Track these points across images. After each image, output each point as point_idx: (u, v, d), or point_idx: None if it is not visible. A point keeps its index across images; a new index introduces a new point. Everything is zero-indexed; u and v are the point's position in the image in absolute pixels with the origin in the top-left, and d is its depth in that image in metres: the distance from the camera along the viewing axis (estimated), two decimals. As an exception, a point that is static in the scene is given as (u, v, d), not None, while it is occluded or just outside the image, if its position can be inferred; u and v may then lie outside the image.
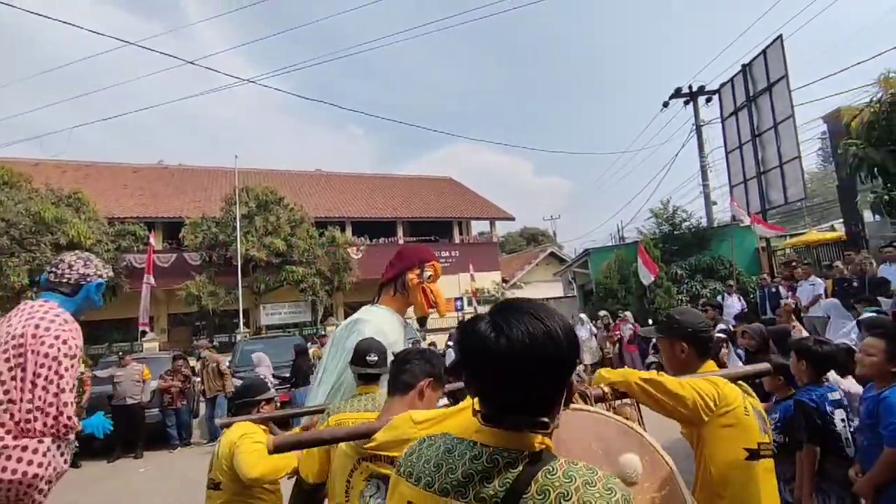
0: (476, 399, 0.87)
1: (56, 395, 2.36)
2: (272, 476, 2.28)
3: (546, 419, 0.82)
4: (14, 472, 2.23)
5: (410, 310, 3.14)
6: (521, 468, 0.79)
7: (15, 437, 2.31)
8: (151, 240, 14.10)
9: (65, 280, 2.65)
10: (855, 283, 7.57)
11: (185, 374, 8.78)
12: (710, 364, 1.82)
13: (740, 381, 1.77)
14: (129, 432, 8.08)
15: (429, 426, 1.38)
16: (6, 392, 2.30)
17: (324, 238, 18.09)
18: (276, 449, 1.53)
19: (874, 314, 4.98)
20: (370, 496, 1.48)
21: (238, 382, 9.87)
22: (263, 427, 2.56)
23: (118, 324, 18.41)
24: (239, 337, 14.99)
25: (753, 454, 1.58)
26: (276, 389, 9.48)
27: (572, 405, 1.46)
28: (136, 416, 8.14)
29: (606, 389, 1.55)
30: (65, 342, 2.43)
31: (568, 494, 0.75)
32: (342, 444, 1.64)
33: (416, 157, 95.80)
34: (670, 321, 1.87)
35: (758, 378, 1.89)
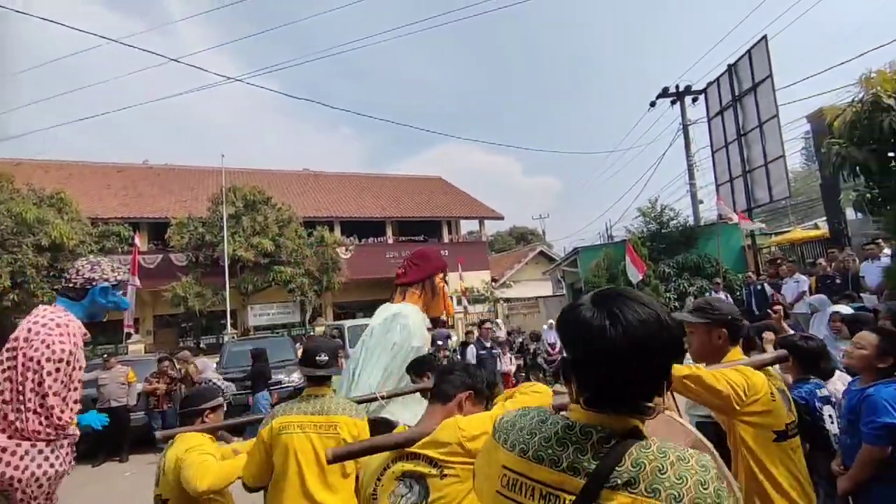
0: (576, 386, 0.88)
1: (44, 397, 2.47)
2: (221, 486, 2.20)
3: (651, 404, 0.83)
4: (2, 473, 2.33)
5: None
6: (614, 442, 0.81)
7: (10, 437, 2.44)
8: (136, 240, 13.91)
9: (72, 284, 2.77)
10: (838, 280, 7.70)
11: (171, 375, 8.67)
12: (736, 351, 1.90)
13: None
14: (113, 435, 7.96)
15: (475, 435, 1.42)
16: (1, 393, 2.44)
17: (312, 238, 17.96)
18: (335, 458, 1.57)
19: (853, 310, 5.06)
20: (402, 496, 1.47)
21: (228, 384, 9.80)
22: (211, 436, 2.46)
23: (102, 326, 18.07)
24: (226, 338, 14.83)
25: (781, 435, 1.70)
26: (234, 395, 9.42)
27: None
28: (121, 419, 8.01)
29: None
30: (48, 346, 2.51)
31: (663, 469, 0.76)
32: None
33: (405, 158, 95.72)
34: (710, 308, 1.94)
35: (776, 364, 1.95)
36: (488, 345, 8.14)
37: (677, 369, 1.65)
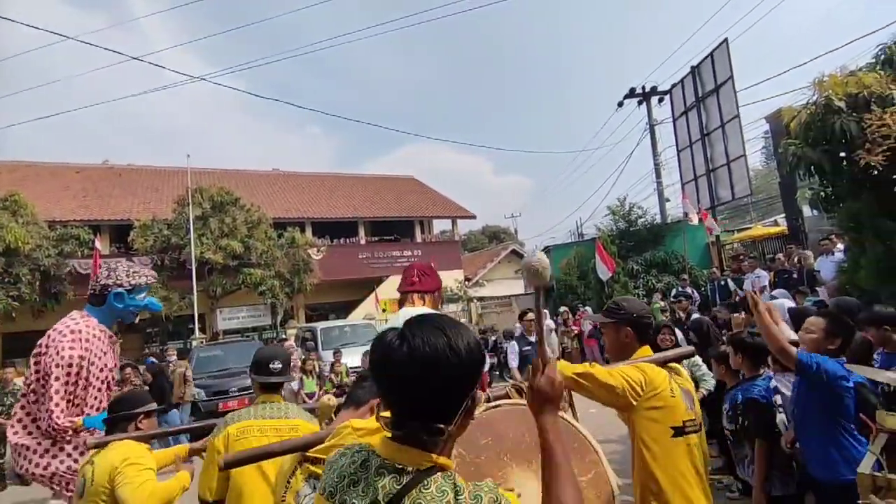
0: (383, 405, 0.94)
1: (50, 399, 2.77)
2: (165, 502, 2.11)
3: (441, 425, 0.86)
4: (26, 469, 2.79)
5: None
6: (404, 483, 0.85)
7: (34, 437, 2.84)
8: (97, 244, 13.37)
9: (92, 291, 3.02)
10: (794, 275, 8.05)
11: (135, 383, 8.39)
12: (646, 349, 1.93)
13: (672, 363, 1.91)
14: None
15: (365, 434, 1.43)
16: (32, 395, 2.82)
17: (283, 239, 17.65)
18: (227, 465, 1.56)
19: (811, 303, 5.30)
20: (305, 496, 1.52)
21: (198, 390, 9.56)
22: (147, 445, 2.32)
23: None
24: (195, 343, 14.45)
25: (679, 431, 1.73)
26: (203, 401, 9.15)
27: (508, 400, 1.55)
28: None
29: None
30: (58, 353, 2.80)
31: None
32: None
33: (376, 157, 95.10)
34: (617, 307, 2.00)
35: (680, 360, 1.99)
36: (533, 339, 6.69)
37: (569, 367, 1.69)
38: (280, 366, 2.28)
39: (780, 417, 2.86)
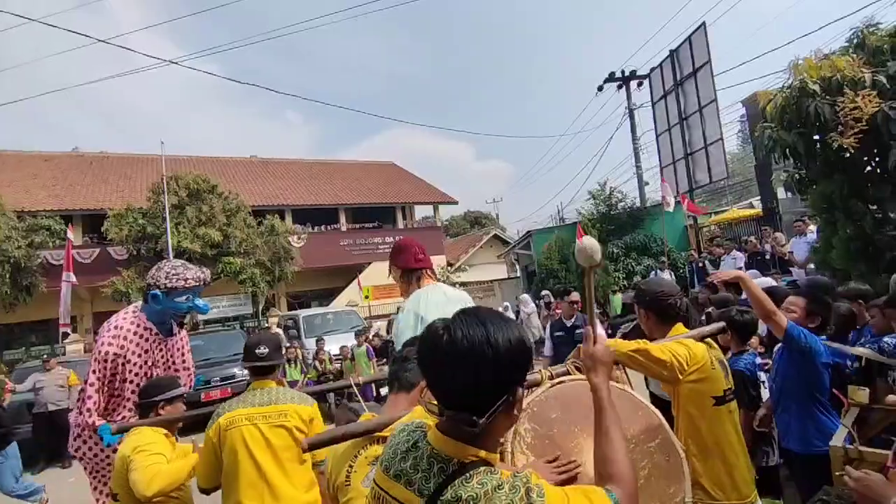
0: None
1: (85, 391, 2.91)
2: (170, 489, 2.15)
3: (475, 417, 0.88)
4: (77, 448, 3.05)
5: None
6: (450, 473, 0.89)
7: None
8: (69, 234, 12.99)
9: (144, 287, 3.13)
10: (767, 257, 8.27)
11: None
12: (680, 327, 2.03)
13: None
14: (53, 441, 7.55)
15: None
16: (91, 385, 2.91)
17: (262, 227, 17.39)
18: (311, 446, 1.65)
19: (785, 283, 5.44)
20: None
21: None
22: (165, 431, 2.39)
23: (35, 326, 17.01)
24: (174, 333, 14.22)
25: (720, 400, 1.88)
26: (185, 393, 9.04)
27: (570, 376, 1.59)
28: (61, 423, 7.57)
29: None
30: (98, 345, 2.94)
31: (477, 497, 0.84)
32: None
33: (355, 143, 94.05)
34: (637, 290, 2.15)
35: (713, 335, 2.09)
36: (569, 323, 5.89)
37: (625, 345, 1.81)
38: (266, 350, 2.29)
39: (765, 393, 2.95)
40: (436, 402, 0.95)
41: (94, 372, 2.90)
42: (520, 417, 1.34)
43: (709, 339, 2.02)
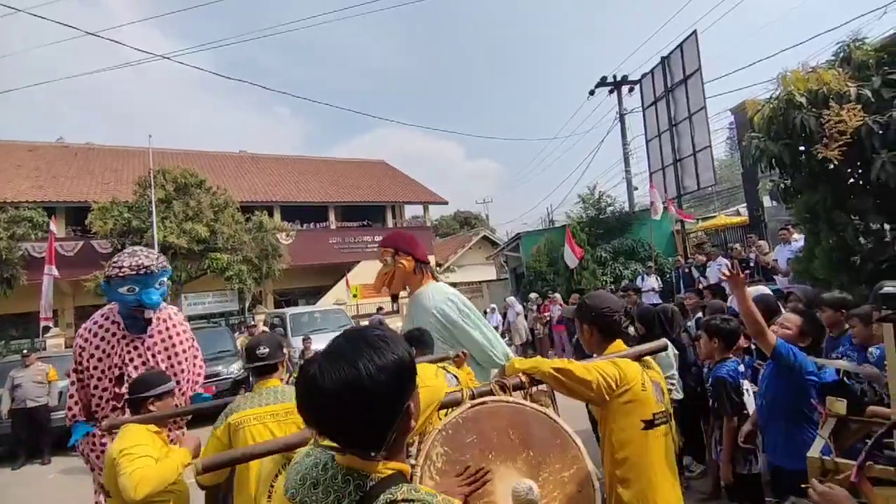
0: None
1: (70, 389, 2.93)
2: (160, 489, 2.11)
3: (373, 453, 0.87)
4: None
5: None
6: (367, 491, 0.86)
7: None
8: (52, 226, 12.75)
9: None
10: (752, 264, 8.38)
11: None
12: (619, 343, 1.96)
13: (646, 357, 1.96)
14: (32, 438, 7.44)
15: None
16: None
17: (251, 223, 17.24)
18: (206, 469, 1.51)
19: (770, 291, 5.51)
20: None
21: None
22: (156, 429, 2.34)
23: (15, 319, 16.71)
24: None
25: (649, 424, 1.77)
26: None
27: (493, 397, 1.55)
28: (40, 419, 7.46)
29: (524, 378, 1.67)
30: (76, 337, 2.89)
31: None
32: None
33: (346, 141, 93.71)
34: (581, 305, 2.06)
35: (654, 354, 2.01)
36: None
37: (547, 363, 1.73)
38: (267, 350, 2.33)
39: (750, 400, 2.99)
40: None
41: (72, 367, 2.92)
42: (434, 439, 1.33)
43: (648, 359, 1.95)
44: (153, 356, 3.09)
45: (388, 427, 0.87)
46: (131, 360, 3.01)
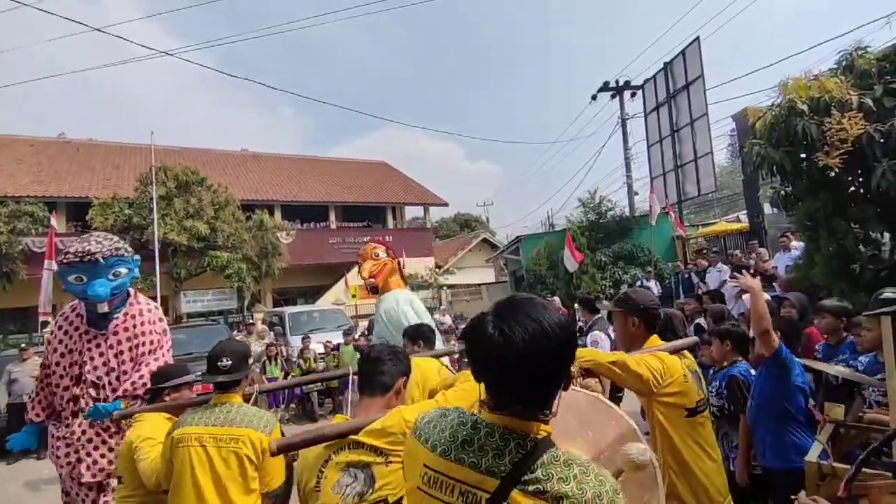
0: (482, 388, 0.95)
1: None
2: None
3: (545, 410, 0.91)
4: None
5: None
6: (529, 450, 0.88)
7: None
8: (53, 221, 12.74)
9: None
10: (752, 271, 8.38)
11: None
12: (655, 339, 2.05)
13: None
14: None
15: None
16: None
17: (251, 222, 17.24)
18: (279, 450, 1.57)
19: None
20: (347, 485, 1.46)
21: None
22: (169, 417, 2.32)
23: (14, 313, 16.67)
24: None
25: (692, 412, 1.89)
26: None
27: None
28: (37, 414, 7.45)
29: (575, 369, 1.73)
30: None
31: (567, 480, 0.84)
32: None
33: (347, 141, 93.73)
34: (626, 298, 2.11)
35: (685, 349, 2.10)
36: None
37: (604, 356, 1.84)
38: (229, 363, 2.06)
39: None
40: (485, 400, 0.94)
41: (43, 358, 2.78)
42: None
43: (683, 351, 2.05)
44: (115, 355, 2.81)
45: (558, 385, 0.91)
46: (91, 358, 2.76)
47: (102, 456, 2.77)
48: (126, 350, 2.83)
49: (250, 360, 2.35)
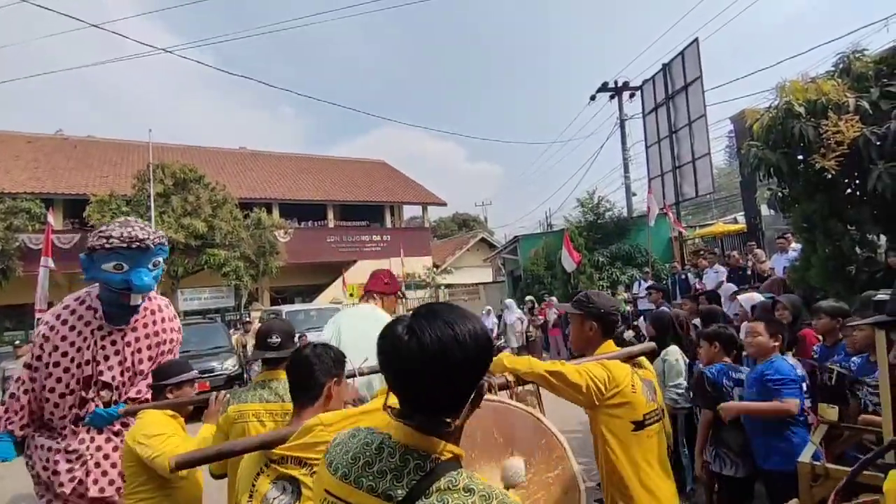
0: (390, 394, 0.92)
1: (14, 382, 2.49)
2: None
3: (449, 419, 0.86)
4: None
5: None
6: (427, 472, 0.83)
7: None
8: (50, 218, 12.68)
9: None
10: (748, 272, 8.42)
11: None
12: (610, 344, 1.96)
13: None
14: (24, 430, 7.42)
15: (339, 428, 1.38)
16: None
17: (249, 220, 17.22)
18: (178, 466, 1.47)
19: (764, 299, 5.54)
20: (274, 498, 1.43)
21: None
22: (171, 413, 2.32)
23: (10, 311, 16.64)
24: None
25: (639, 425, 1.77)
26: None
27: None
28: (33, 411, 7.45)
29: (511, 378, 1.65)
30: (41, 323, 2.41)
31: None
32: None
33: (346, 140, 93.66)
34: (587, 300, 2.00)
35: (642, 355, 2.00)
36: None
37: (541, 365, 1.73)
38: (279, 340, 2.19)
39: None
40: (392, 406, 0.91)
41: (27, 357, 2.40)
42: None
43: (640, 359, 1.95)
44: (133, 353, 2.59)
45: (466, 396, 0.87)
46: (106, 357, 2.50)
47: (114, 466, 2.50)
48: (145, 348, 2.62)
49: (295, 338, 2.37)
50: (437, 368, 0.83)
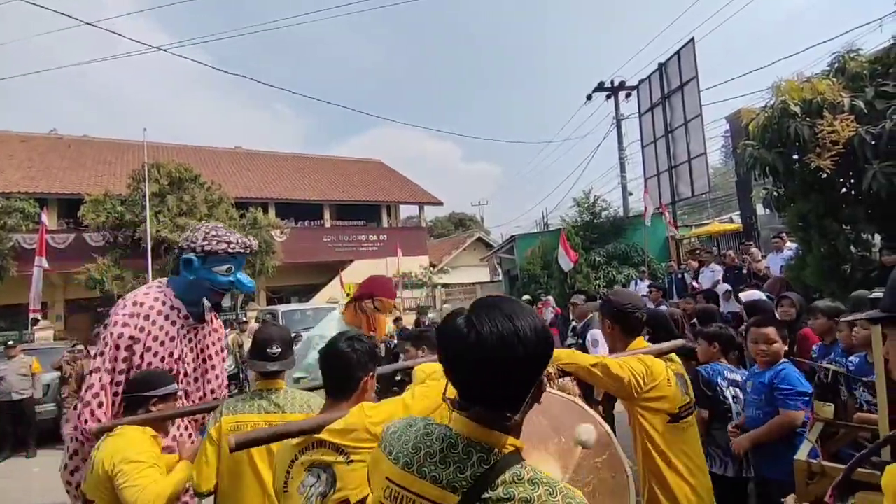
0: (450, 386, 0.92)
1: (88, 389, 2.26)
2: (172, 499, 1.95)
3: (509, 413, 0.86)
4: None
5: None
6: (492, 465, 0.84)
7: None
8: (44, 217, 12.66)
9: (175, 255, 2.53)
10: (744, 271, 8.45)
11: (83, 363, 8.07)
12: (640, 340, 2.03)
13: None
14: (17, 430, 7.38)
15: (378, 420, 1.43)
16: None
17: (245, 219, 17.15)
18: (238, 447, 1.48)
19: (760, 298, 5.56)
20: (310, 486, 1.43)
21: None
22: (153, 432, 2.13)
23: (3, 311, 16.52)
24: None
25: (675, 417, 1.86)
26: None
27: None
28: (25, 412, 7.40)
29: (551, 369, 1.70)
30: (114, 325, 2.31)
31: (530, 500, 0.79)
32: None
33: (343, 140, 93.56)
34: (605, 300, 2.11)
35: (674, 351, 2.06)
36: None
37: (586, 359, 1.80)
38: (279, 350, 2.07)
39: (735, 408, 3.00)
40: (452, 398, 0.91)
41: (101, 362, 2.29)
42: None
43: (670, 354, 2.02)
44: (203, 349, 2.65)
45: (528, 390, 0.87)
46: (196, 357, 2.58)
47: None
48: (210, 345, 2.69)
49: (293, 346, 2.27)
50: (496, 363, 0.83)
